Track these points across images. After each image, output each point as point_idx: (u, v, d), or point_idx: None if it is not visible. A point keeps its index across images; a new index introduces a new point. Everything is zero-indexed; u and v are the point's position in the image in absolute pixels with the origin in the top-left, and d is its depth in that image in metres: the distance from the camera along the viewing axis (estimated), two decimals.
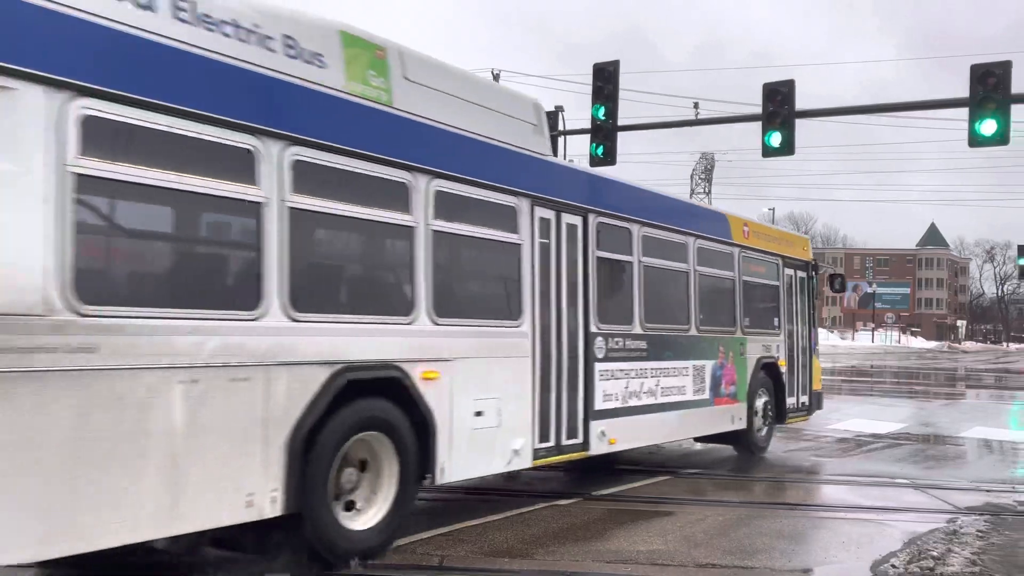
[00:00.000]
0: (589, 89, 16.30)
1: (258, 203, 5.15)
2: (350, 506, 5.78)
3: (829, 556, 6.44)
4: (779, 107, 15.09)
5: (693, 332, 9.85)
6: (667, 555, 6.23)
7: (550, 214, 7.66)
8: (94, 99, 4.38)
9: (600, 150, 16.22)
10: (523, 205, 7.30)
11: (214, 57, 5.03)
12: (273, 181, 5.23)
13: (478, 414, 6.68)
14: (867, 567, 6.11)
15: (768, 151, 15.28)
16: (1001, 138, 13.70)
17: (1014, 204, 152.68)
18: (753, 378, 11.06)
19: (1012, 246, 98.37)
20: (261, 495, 5.07)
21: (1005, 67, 13.64)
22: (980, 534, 7.01)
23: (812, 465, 11.19)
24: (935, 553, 6.33)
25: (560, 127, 21.27)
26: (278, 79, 5.41)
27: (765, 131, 15.22)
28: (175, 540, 4.87)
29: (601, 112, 16.19)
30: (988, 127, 13.67)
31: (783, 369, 11.87)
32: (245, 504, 4.99)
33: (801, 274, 12.64)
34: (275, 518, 5.14)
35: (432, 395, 6.21)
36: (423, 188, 6.29)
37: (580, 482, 8.90)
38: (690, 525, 7.23)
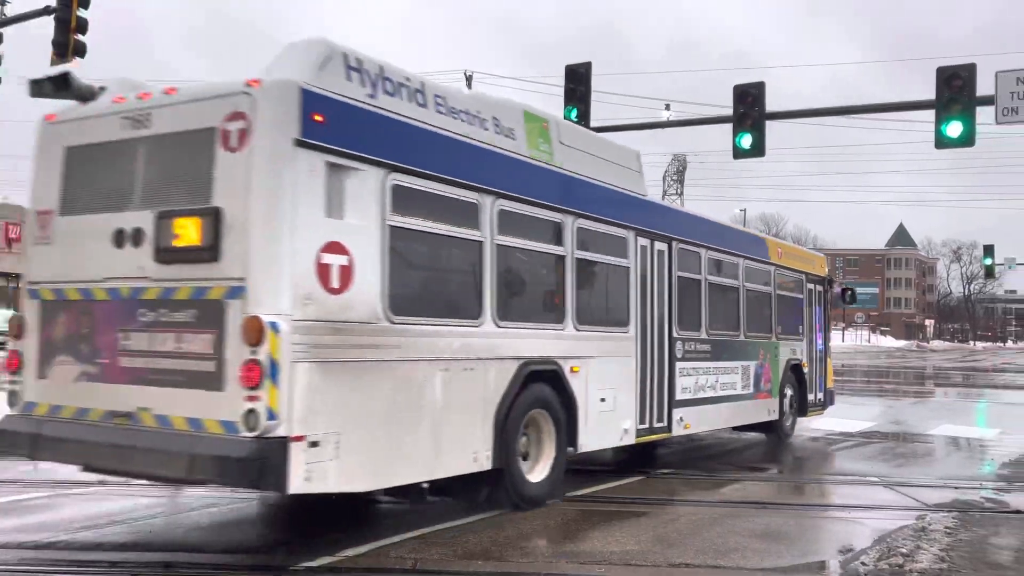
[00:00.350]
0: (561, 90, 16.33)
1: (480, 242, 7.18)
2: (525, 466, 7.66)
3: (801, 554, 6.48)
4: (750, 109, 15.19)
5: (742, 337, 11.78)
6: (640, 555, 6.24)
7: (647, 242, 9.61)
8: (398, 173, 6.37)
9: None
10: (630, 236, 9.28)
11: (455, 136, 7.06)
12: (487, 226, 7.24)
13: (602, 400, 8.58)
14: (838, 565, 6.17)
15: (739, 152, 15.39)
16: (967, 140, 13.90)
17: (980, 205, 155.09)
18: (783, 377, 12.96)
19: (978, 246, 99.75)
20: (480, 453, 7.03)
21: (970, 70, 13.83)
22: (948, 531, 7.07)
23: (782, 464, 11.28)
24: (904, 550, 6.38)
25: None
26: (490, 150, 7.47)
27: (736, 133, 15.33)
28: (405, 490, 6.56)
29: (574, 113, 16.21)
30: (954, 129, 13.86)
31: (806, 370, 13.83)
32: (472, 459, 6.96)
33: (819, 287, 14.65)
34: (479, 472, 7.02)
35: (576, 384, 8.13)
36: (570, 225, 8.28)
37: None
38: (663, 525, 7.26)
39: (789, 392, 13.21)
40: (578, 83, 16.26)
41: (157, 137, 6.03)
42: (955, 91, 13.81)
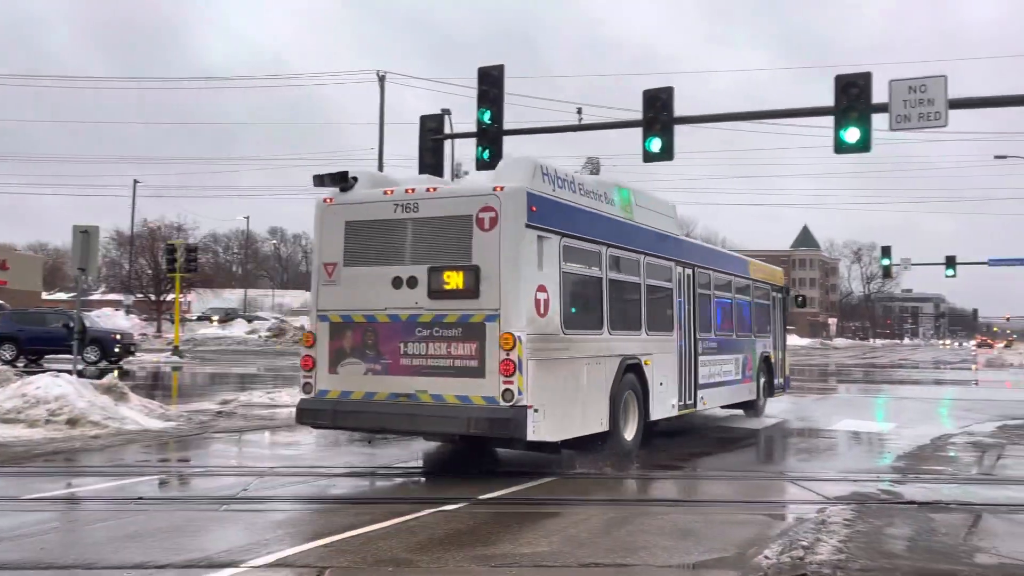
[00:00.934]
0: (475, 92, 16.28)
1: (600, 278, 10.53)
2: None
3: (708, 550, 6.59)
4: (659, 113, 15.41)
5: (734, 336, 15.26)
6: (551, 556, 6.25)
7: (681, 269, 12.99)
8: (566, 237, 9.72)
9: (486, 154, 16.14)
10: (672, 265, 12.71)
11: (589, 209, 10.46)
12: (604, 266, 10.58)
13: (660, 384, 11.80)
14: (742, 560, 6.30)
15: (649, 156, 15.58)
16: (863, 145, 14.41)
17: (879, 208, 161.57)
18: (759, 366, 16.43)
19: (877, 247, 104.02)
20: (603, 419, 10.18)
21: (866, 78, 14.36)
22: (847, 523, 7.31)
23: (692, 461, 11.50)
24: (805, 543, 6.57)
25: (447, 131, 21.09)
26: (605, 215, 10.87)
27: (646, 136, 15.51)
28: (544, 445, 9.26)
29: (487, 116, 16.13)
30: (852, 135, 14.37)
31: (772, 361, 17.40)
32: (599, 423, 10.11)
33: (780, 295, 18.42)
34: (600, 433, 10.11)
35: (647, 373, 11.30)
36: (643, 262, 11.68)
37: (467, 486, 8.86)
38: (574, 526, 7.31)
39: (763, 378, 16.66)
40: (491, 85, 16.21)
41: (424, 219, 9.37)
42: (852, 99, 14.31)
